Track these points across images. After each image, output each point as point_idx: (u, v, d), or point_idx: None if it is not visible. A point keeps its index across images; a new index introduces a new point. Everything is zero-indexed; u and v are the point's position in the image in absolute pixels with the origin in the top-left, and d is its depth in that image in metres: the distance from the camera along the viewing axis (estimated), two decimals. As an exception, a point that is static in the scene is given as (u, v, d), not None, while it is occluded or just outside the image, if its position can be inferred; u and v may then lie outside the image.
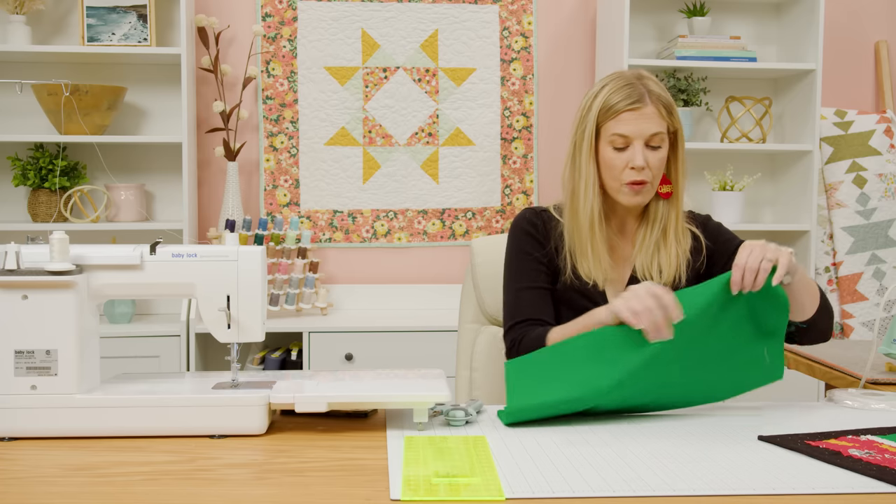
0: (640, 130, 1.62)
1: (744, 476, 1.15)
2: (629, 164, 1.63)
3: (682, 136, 1.70)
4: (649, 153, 1.64)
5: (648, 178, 1.64)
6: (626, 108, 1.62)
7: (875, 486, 1.12)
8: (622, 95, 1.63)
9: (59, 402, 1.35)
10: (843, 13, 3.65)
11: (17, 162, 3.15)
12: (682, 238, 1.71)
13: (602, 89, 1.66)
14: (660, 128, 1.64)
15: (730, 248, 1.73)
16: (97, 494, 1.11)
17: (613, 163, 1.64)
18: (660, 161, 1.65)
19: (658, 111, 1.64)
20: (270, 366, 3.07)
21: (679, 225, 1.72)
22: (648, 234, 1.71)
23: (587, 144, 1.66)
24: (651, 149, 1.64)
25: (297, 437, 1.36)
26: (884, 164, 3.45)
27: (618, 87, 1.64)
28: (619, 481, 1.13)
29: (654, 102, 1.63)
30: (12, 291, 1.35)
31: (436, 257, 3.52)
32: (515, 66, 3.51)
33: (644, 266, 1.70)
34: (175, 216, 3.33)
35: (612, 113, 1.63)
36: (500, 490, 1.09)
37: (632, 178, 1.63)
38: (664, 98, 1.65)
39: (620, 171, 1.64)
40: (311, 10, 3.40)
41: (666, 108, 1.65)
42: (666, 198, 1.71)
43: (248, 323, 1.45)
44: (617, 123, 1.63)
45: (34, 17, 3.20)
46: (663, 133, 1.65)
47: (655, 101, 1.64)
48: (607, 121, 1.64)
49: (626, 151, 1.63)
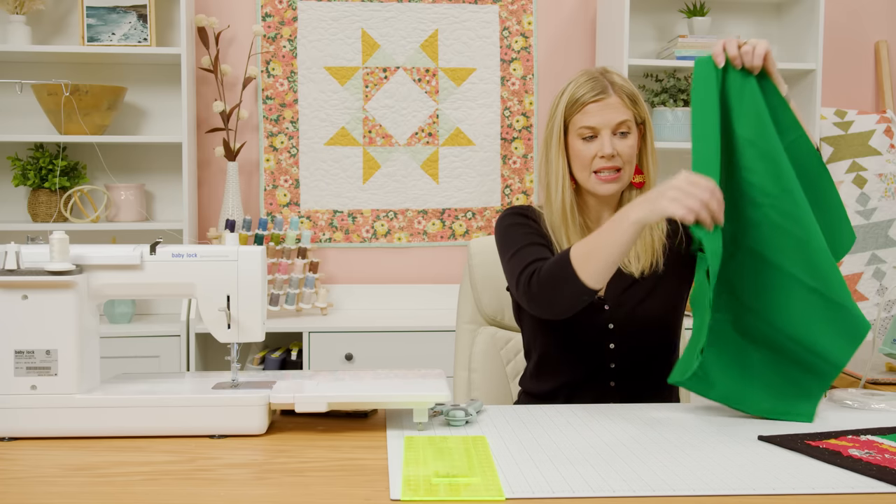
0: (607, 120, 1.67)
1: (744, 476, 1.15)
2: (598, 153, 1.67)
3: (651, 126, 1.75)
4: (618, 141, 1.68)
5: (619, 164, 1.68)
6: (591, 100, 1.67)
7: (875, 486, 1.12)
8: (586, 88, 1.68)
9: (59, 402, 1.35)
10: (843, 13, 3.65)
11: (17, 162, 3.15)
12: (655, 225, 1.73)
13: (568, 86, 1.72)
14: (625, 116, 1.68)
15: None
16: (97, 494, 1.11)
17: (583, 153, 1.68)
18: (629, 148, 1.69)
19: (622, 101, 1.68)
20: (270, 366, 3.07)
21: None
22: None
23: (556, 139, 1.71)
24: (619, 136, 1.68)
25: (297, 437, 1.36)
26: (884, 164, 3.45)
27: (582, 82, 1.70)
28: (619, 481, 1.13)
29: (618, 93, 1.68)
30: (12, 291, 1.35)
31: (436, 257, 3.52)
32: (515, 66, 3.51)
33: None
34: (175, 216, 3.33)
35: (579, 106, 1.68)
36: (499, 490, 1.09)
37: (601, 166, 1.67)
38: (627, 88, 1.70)
39: (590, 161, 1.68)
40: (311, 10, 3.40)
41: (630, 98, 1.70)
42: (639, 187, 1.75)
43: (248, 323, 1.46)
44: (583, 116, 1.67)
45: (34, 17, 3.20)
46: (630, 121, 1.69)
47: (619, 91, 1.69)
48: (574, 114, 1.69)
49: (595, 142, 1.68)
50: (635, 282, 1.71)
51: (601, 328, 1.70)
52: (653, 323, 1.72)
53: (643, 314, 1.70)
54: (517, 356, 2.06)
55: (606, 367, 1.72)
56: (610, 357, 1.71)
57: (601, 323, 1.70)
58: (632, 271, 1.71)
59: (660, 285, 1.72)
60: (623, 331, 1.71)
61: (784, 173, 1.46)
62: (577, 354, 1.73)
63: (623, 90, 1.69)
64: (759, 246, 1.49)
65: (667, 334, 1.76)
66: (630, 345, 1.71)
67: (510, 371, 2.04)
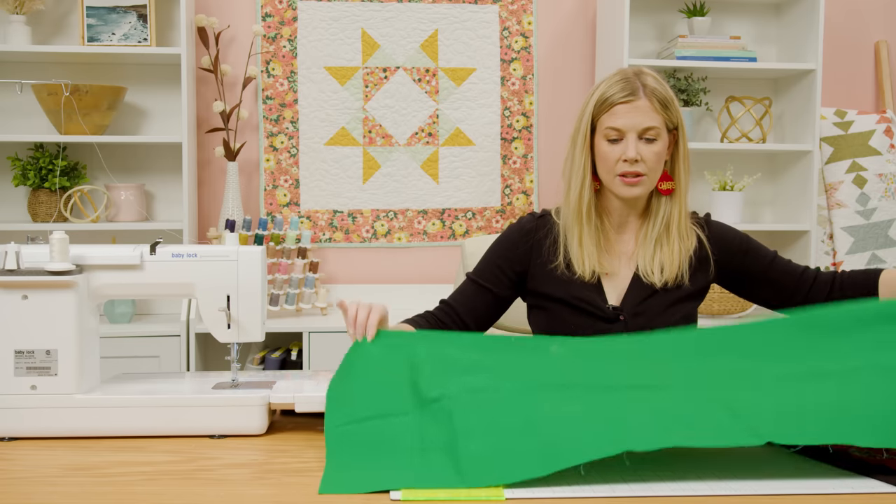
0: (633, 123, 1.63)
1: (745, 476, 1.15)
2: (622, 156, 1.64)
3: (685, 132, 1.70)
4: (643, 146, 1.64)
5: (643, 170, 1.64)
6: (619, 101, 1.64)
7: (875, 486, 1.12)
8: (617, 89, 1.65)
9: (59, 402, 1.35)
10: (843, 13, 3.65)
11: (17, 162, 3.15)
12: (685, 236, 1.71)
13: (600, 84, 1.69)
14: (653, 122, 1.64)
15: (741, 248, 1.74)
16: (97, 494, 1.11)
17: (607, 155, 1.65)
18: (654, 155, 1.65)
19: (652, 104, 1.64)
20: (270, 366, 3.07)
21: (683, 223, 1.71)
22: (650, 231, 1.71)
23: (582, 138, 1.68)
24: (645, 142, 1.64)
25: (297, 437, 1.36)
26: (884, 164, 3.45)
27: (613, 82, 1.66)
28: (619, 481, 1.13)
29: (649, 96, 1.64)
30: (12, 291, 1.35)
31: (436, 257, 3.52)
32: (515, 66, 3.51)
33: (645, 262, 1.70)
34: (175, 216, 3.33)
35: (607, 106, 1.65)
36: (500, 490, 1.09)
37: (624, 170, 1.64)
38: (659, 92, 1.65)
39: (614, 164, 1.65)
40: (311, 10, 3.40)
41: (661, 103, 1.65)
42: (666, 194, 1.70)
43: (248, 323, 1.46)
44: (611, 117, 1.64)
45: (34, 17, 3.20)
46: (658, 128, 1.64)
47: (649, 94, 1.64)
48: (602, 114, 1.66)
49: (620, 144, 1.65)
50: (655, 293, 1.69)
51: None
52: None
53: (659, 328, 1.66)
54: (516, 356, 2.06)
55: None
56: None
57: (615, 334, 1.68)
58: (653, 282, 1.68)
59: (680, 299, 1.70)
60: None
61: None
62: None
63: (655, 94, 1.64)
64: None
65: None
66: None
67: (510, 371, 2.04)
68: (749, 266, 1.74)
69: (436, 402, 1.25)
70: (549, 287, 1.71)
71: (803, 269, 1.74)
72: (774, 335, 1.39)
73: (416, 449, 1.20)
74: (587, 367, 1.36)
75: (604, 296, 1.69)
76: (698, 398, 1.21)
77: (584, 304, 1.68)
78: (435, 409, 1.24)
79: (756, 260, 1.74)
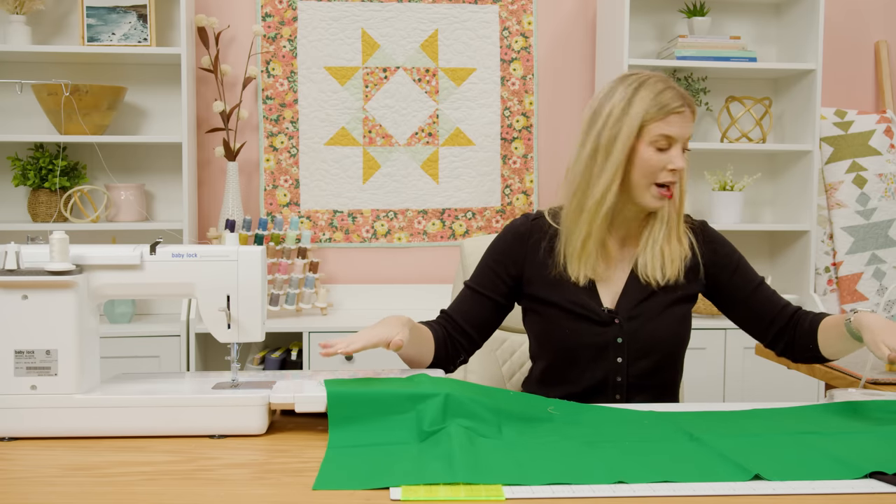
0: (683, 133, 1.64)
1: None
2: (668, 165, 1.62)
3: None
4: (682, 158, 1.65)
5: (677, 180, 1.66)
6: (674, 110, 1.62)
7: (875, 486, 1.12)
8: (671, 96, 1.62)
9: (59, 402, 1.35)
10: (843, 13, 3.65)
11: (17, 162, 3.15)
12: (682, 238, 1.72)
13: (640, 90, 1.63)
14: (692, 132, 1.66)
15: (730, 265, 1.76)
16: (97, 494, 1.11)
17: (651, 163, 1.62)
18: (687, 166, 1.67)
19: (693, 117, 1.66)
20: (270, 366, 3.07)
21: (681, 226, 1.73)
22: (657, 233, 1.71)
23: (623, 143, 1.62)
24: (683, 152, 1.66)
25: (297, 437, 1.36)
26: (884, 164, 3.45)
27: (661, 89, 1.63)
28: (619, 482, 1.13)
29: (691, 107, 1.66)
30: (12, 291, 1.35)
31: (436, 257, 3.52)
32: (515, 66, 3.51)
33: (648, 265, 1.69)
34: (175, 216, 3.33)
35: (663, 113, 1.61)
36: (500, 490, 1.09)
37: (667, 180, 1.63)
38: (694, 105, 1.68)
39: (657, 172, 1.63)
40: (311, 10, 3.40)
41: (694, 115, 1.67)
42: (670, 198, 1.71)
43: (248, 323, 1.45)
44: (664, 124, 1.62)
45: (34, 17, 3.20)
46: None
47: (691, 105, 1.66)
48: (655, 120, 1.62)
49: (666, 153, 1.63)
50: (650, 295, 1.69)
51: (610, 342, 1.68)
52: (663, 339, 1.70)
53: (655, 330, 1.68)
54: (513, 356, 2.06)
55: (613, 381, 1.70)
56: (617, 371, 1.69)
57: (610, 337, 1.69)
58: (656, 280, 1.68)
59: (675, 301, 1.71)
60: (632, 346, 1.69)
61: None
62: (584, 367, 1.70)
63: (692, 106, 1.66)
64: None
65: (676, 350, 1.74)
66: (638, 359, 1.69)
67: (506, 371, 2.04)
68: (735, 285, 1.75)
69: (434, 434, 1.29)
70: (544, 291, 1.71)
71: (785, 303, 1.75)
72: (762, 417, 1.45)
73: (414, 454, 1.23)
74: (584, 422, 1.41)
75: (598, 299, 1.69)
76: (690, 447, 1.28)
77: (579, 308, 1.68)
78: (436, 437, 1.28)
79: (743, 282, 1.75)
